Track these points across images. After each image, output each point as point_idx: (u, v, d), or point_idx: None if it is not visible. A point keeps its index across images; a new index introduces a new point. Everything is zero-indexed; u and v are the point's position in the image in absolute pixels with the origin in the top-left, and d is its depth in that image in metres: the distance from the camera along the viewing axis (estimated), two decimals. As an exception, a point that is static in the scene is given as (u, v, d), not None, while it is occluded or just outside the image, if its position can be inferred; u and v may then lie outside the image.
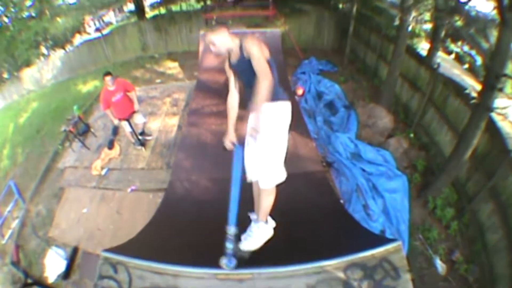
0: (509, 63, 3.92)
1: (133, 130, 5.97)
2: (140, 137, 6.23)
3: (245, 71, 2.35)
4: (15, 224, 5.75)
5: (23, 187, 6.53)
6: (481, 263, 4.22)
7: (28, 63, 12.80)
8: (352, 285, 2.24)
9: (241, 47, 2.30)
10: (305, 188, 4.37)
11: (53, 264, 4.69)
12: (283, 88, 2.45)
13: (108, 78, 5.21)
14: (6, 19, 11.84)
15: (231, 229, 2.41)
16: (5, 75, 13.56)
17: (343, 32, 10.41)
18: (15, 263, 4.93)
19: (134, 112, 5.85)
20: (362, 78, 8.88)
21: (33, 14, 12.26)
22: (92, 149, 6.63)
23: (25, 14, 12.15)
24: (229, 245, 2.42)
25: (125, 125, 5.82)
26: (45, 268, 4.72)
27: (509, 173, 3.99)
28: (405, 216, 4.71)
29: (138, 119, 6.05)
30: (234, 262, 2.39)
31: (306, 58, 9.89)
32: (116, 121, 5.66)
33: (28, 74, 12.81)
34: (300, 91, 7.94)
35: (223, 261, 2.37)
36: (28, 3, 12.05)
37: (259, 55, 2.19)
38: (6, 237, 5.62)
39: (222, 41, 2.35)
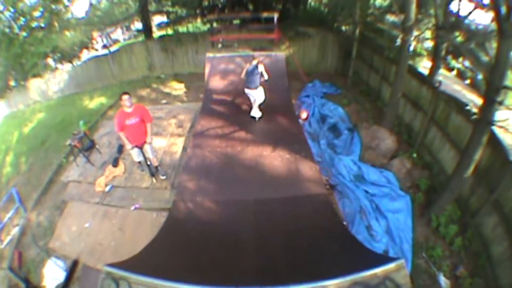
0: (509, 74, 3.98)
1: (145, 160, 5.67)
2: (154, 167, 5.98)
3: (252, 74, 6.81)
4: (14, 231, 5.83)
5: (25, 196, 6.63)
6: (485, 275, 4.24)
7: (35, 74, 12.91)
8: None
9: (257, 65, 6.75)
10: (308, 210, 4.53)
11: (52, 274, 4.75)
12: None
13: (125, 97, 4.81)
14: (16, 27, 12.01)
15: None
16: (12, 83, 13.54)
17: (346, 55, 10.40)
18: (14, 269, 4.97)
19: (145, 142, 5.38)
20: (366, 100, 8.93)
21: (42, 25, 12.48)
22: (96, 165, 6.73)
23: (34, 24, 12.36)
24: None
25: (136, 153, 5.46)
26: (43, 278, 4.78)
27: None
28: (408, 235, 4.76)
29: (148, 152, 5.57)
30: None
31: (310, 81, 9.98)
32: (129, 146, 5.25)
33: (34, 85, 12.86)
34: (304, 115, 7.97)
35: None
36: (37, 13, 12.34)
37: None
38: (5, 242, 5.70)
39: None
